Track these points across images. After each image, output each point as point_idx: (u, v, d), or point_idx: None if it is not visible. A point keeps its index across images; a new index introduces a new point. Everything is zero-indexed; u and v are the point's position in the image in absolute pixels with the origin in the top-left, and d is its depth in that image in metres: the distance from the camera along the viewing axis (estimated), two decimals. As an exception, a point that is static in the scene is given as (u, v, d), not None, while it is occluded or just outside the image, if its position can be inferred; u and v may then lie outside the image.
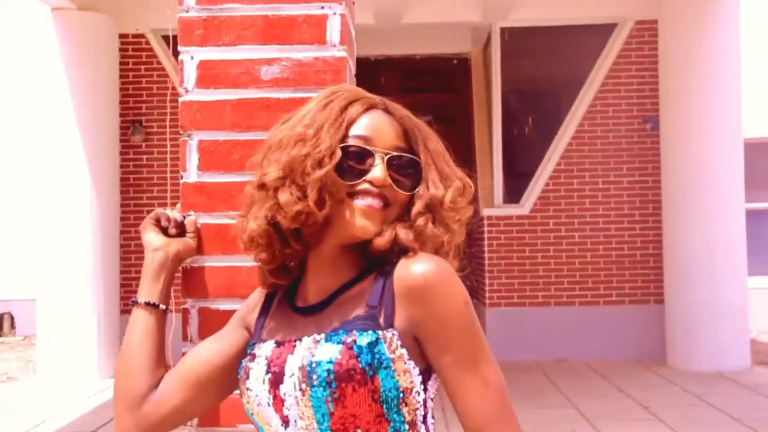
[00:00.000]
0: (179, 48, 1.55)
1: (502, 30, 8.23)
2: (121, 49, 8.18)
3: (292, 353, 1.20)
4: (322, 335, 1.20)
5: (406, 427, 1.19)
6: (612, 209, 8.12)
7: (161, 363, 1.37)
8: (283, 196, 1.21)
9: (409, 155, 1.27)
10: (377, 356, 1.16)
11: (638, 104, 8.14)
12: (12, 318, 10.93)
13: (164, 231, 1.47)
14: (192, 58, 1.55)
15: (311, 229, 1.24)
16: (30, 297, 8.99)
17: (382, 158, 1.24)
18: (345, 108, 1.26)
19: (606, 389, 6.76)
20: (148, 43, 8.26)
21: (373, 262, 1.26)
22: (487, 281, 8.16)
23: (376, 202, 1.23)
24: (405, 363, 1.18)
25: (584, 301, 8.13)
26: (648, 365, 7.66)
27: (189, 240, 1.49)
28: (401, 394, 1.18)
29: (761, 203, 10.10)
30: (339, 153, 1.22)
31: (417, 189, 1.27)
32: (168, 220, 1.47)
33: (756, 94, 9.49)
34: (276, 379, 1.20)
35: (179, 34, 1.54)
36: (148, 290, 1.40)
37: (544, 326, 8.08)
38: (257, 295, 1.38)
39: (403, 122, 1.29)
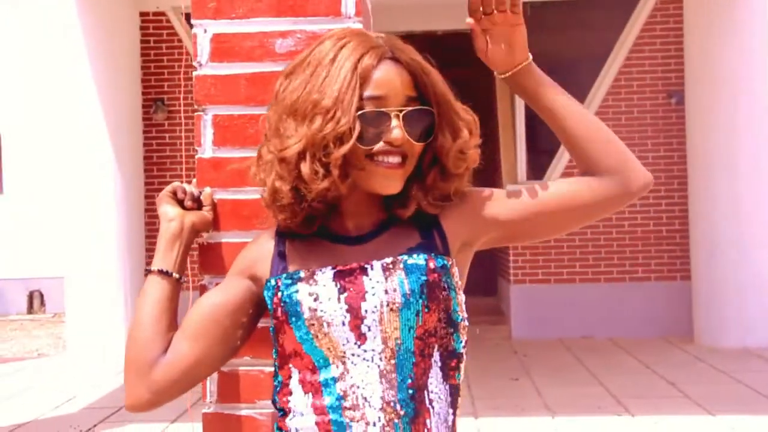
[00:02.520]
0: (192, 21, 1.53)
1: (524, 5, 8.09)
2: (141, 28, 8.19)
3: (368, 274, 1.26)
4: (401, 256, 1.27)
5: (462, 349, 1.31)
6: (637, 185, 8.02)
7: (172, 330, 1.37)
8: (306, 170, 1.23)
9: (422, 107, 1.29)
10: (451, 278, 1.29)
11: (663, 78, 8.04)
12: (42, 296, 11.08)
13: (180, 204, 1.47)
14: (205, 31, 1.53)
15: (334, 194, 1.27)
16: (58, 275, 9.09)
17: (398, 116, 1.26)
18: (356, 65, 1.25)
19: (632, 366, 6.73)
20: (168, 21, 8.25)
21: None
22: (511, 258, 8.12)
23: (395, 159, 1.27)
24: (459, 294, 1.31)
25: (610, 278, 8.08)
26: (675, 342, 7.61)
27: (205, 213, 1.48)
28: (461, 319, 1.30)
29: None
30: (359, 126, 1.23)
31: (429, 138, 1.30)
32: (184, 192, 1.47)
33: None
34: (355, 297, 1.25)
35: (192, 7, 1.52)
36: (161, 258, 1.41)
37: (569, 303, 8.04)
38: (257, 246, 1.38)
39: (411, 68, 1.29)
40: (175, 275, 1.40)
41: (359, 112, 1.24)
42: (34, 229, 10.84)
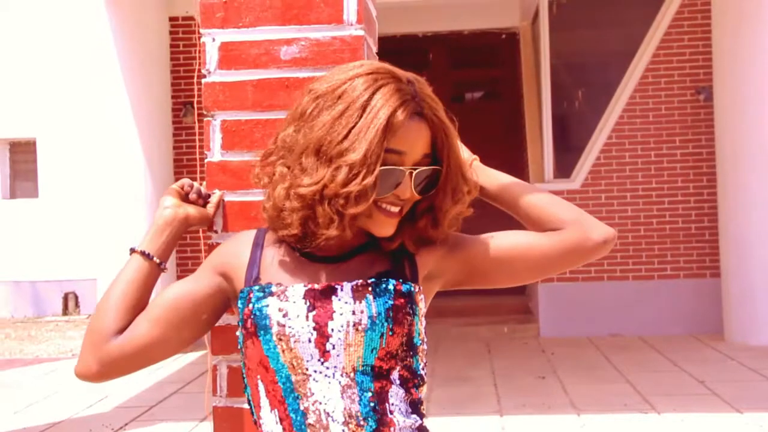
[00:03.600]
0: (201, 30, 1.59)
1: (551, 3, 8.13)
2: (171, 32, 8.32)
3: (337, 295, 1.29)
4: (371, 280, 1.31)
5: (422, 371, 1.35)
6: (665, 182, 7.99)
7: (138, 310, 1.41)
8: (321, 215, 1.27)
9: (434, 168, 1.33)
10: (416, 304, 1.33)
11: (691, 75, 7.98)
12: (76, 297, 11.27)
13: (186, 198, 1.52)
14: (214, 40, 1.59)
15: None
16: (92, 277, 9.24)
17: (411, 174, 1.31)
18: (389, 120, 1.26)
19: (661, 364, 6.70)
20: (197, 25, 8.36)
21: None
22: (539, 256, 8.10)
23: (395, 209, 1.33)
24: (422, 320, 1.36)
25: (638, 276, 8.04)
26: (705, 340, 7.56)
27: (205, 210, 1.53)
28: (420, 343, 1.34)
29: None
30: (378, 183, 1.27)
31: (431, 192, 1.35)
32: (190, 186, 1.52)
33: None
34: (323, 316, 1.29)
35: (201, 17, 1.58)
36: (148, 241, 1.47)
37: (598, 301, 8.02)
38: (236, 246, 1.42)
39: (434, 126, 1.32)
40: (156, 260, 1.46)
41: (381, 168, 1.26)
42: (68, 231, 11.02)
